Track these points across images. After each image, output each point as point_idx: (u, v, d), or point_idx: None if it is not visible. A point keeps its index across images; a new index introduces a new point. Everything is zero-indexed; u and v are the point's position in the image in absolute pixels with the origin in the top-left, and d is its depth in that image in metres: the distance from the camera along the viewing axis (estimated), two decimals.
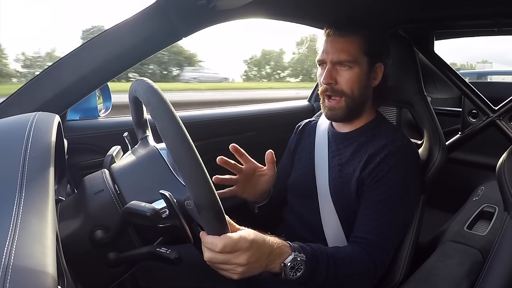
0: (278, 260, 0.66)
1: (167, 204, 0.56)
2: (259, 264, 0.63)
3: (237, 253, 0.58)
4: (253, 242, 0.61)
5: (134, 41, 0.86)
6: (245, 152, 0.90)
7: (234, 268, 0.59)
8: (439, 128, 1.04)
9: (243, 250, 0.59)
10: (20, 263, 0.32)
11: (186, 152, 0.50)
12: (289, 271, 0.67)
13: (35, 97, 0.81)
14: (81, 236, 0.58)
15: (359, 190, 0.88)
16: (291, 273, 0.67)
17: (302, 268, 0.68)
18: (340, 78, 0.89)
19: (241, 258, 0.59)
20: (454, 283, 0.91)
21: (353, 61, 0.88)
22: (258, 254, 0.62)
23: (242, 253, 0.59)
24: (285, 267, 0.66)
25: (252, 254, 0.60)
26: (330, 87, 0.90)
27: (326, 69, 0.89)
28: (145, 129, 0.78)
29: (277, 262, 0.66)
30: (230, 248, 0.57)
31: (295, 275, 0.68)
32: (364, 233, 0.83)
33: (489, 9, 1.08)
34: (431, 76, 1.64)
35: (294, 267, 0.67)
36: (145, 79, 0.60)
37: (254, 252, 0.60)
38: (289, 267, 0.67)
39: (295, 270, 0.67)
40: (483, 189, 1.40)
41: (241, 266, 0.59)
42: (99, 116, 1.16)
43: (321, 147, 1.00)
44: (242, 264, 0.59)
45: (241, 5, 0.86)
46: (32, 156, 0.45)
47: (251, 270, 0.62)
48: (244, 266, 0.60)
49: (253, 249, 0.60)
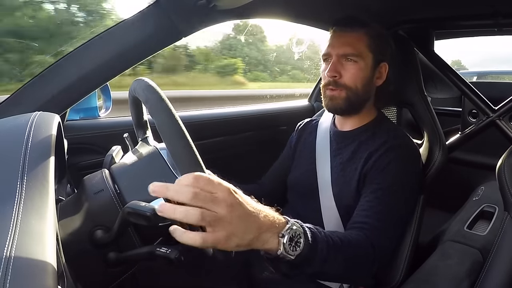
0: (274, 229, 0.56)
1: (166, 201, 0.56)
2: (250, 225, 0.51)
3: (215, 195, 0.47)
4: (236, 191, 0.50)
5: (134, 41, 0.86)
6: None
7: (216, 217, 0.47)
8: (439, 128, 1.04)
9: (222, 197, 0.47)
10: (20, 263, 0.32)
11: (184, 148, 0.50)
12: (288, 243, 0.57)
13: (35, 97, 0.81)
14: (81, 236, 0.58)
15: (360, 186, 0.88)
16: (290, 246, 0.57)
17: (301, 241, 0.59)
18: (345, 72, 0.89)
19: (221, 206, 0.47)
20: (454, 283, 0.92)
21: (358, 55, 0.88)
22: (244, 208, 0.50)
23: (221, 200, 0.47)
24: (283, 238, 0.56)
25: (237, 203, 0.49)
26: (334, 80, 0.90)
27: (331, 62, 0.90)
28: (145, 130, 0.78)
29: (272, 231, 0.56)
30: (204, 182, 0.46)
31: (294, 249, 0.58)
32: (363, 218, 0.81)
33: (489, 9, 1.08)
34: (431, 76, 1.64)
35: (293, 239, 0.58)
36: (144, 78, 0.60)
37: (239, 202, 0.49)
38: (288, 239, 0.57)
39: (294, 243, 0.58)
40: (483, 189, 1.40)
41: (226, 213, 0.47)
42: (99, 116, 1.16)
43: (322, 146, 1.00)
44: (222, 214, 0.47)
45: (241, 4, 0.86)
46: (32, 156, 0.45)
47: (240, 231, 0.50)
48: (229, 216, 0.47)
49: (236, 197, 0.49)
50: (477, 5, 1.07)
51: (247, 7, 0.87)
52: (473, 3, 1.06)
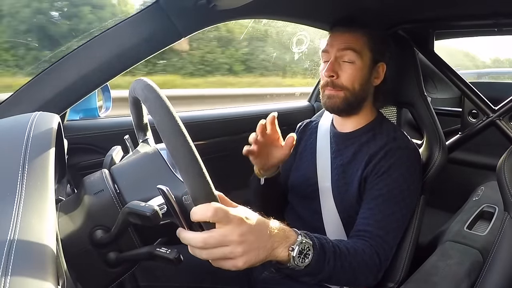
0: (285, 243, 0.61)
1: (165, 198, 0.56)
2: (263, 244, 0.57)
3: (229, 226, 0.52)
4: (248, 216, 0.55)
5: (134, 41, 0.86)
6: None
7: (233, 249, 0.53)
8: (439, 128, 1.04)
9: (236, 223, 0.52)
10: (20, 262, 0.32)
11: (182, 145, 0.50)
12: (297, 256, 0.62)
13: (35, 97, 0.81)
14: (81, 236, 0.58)
15: (361, 189, 0.88)
16: (299, 258, 0.63)
17: (310, 254, 0.64)
18: (342, 72, 0.90)
19: (235, 233, 0.52)
20: (454, 283, 0.92)
21: (356, 56, 0.89)
22: (257, 231, 0.56)
23: (235, 227, 0.52)
24: (293, 252, 0.62)
25: (249, 229, 0.54)
26: (331, 80, 0.90)
27: (329, 62, 0.90)
28: (146, 132, 0.78)
29: (283, 246, 0.61)
30: (222, 215, 0.50)
31: (303, 261, 0.63)
32: (366, 226, 0.82)
33: (489, 9, 1.08)
34: (431, 76, 1.65)
35: (302, 252, 0.63)
36: (143, 78, 0.60)
37: (251, 228, 0.54)
38: (297, 252, 0.62)
39: (303, 255, 0.63)
40: (483, 189, 1.41)
41: (237, 244, 0.53)
42: (99, 116, 1.16)
43: (323, 148, 1.00)
44: (237, 241, 0.52)
45: (241, 4, 0.87)
46: (32, 156, 0.45)
47: (254, 251, 0.55)
48: (241, 245, 0.53)
49: (248, 224, 0.54)
50: (477, 5, 1.07)
51: (247, 7, 0.87)
52: (473, 3, 1.06)
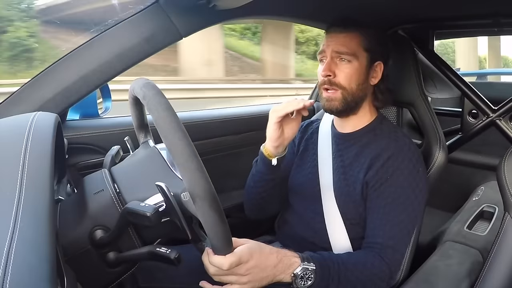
0: (288, 270, 0.71)
1: (163, 195, 0.56)
2: (266, 274, 0.68)
3: (239, 266, 0.64)
4: (254, 253, 0.66)
5: (134, 41, 0.86)
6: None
7: (239, 279, 0.65)
8: (439, 128, 1.04)
9: (245, 261, 0.64)
10: (20, 262, 0.32)
11: (180, 140, 0.50)
12: (300, 280, 0.71)
13: (35, 97, 0.81)
14: (81, 236, 0.58)
15: (364, 193, 0.88)
16: (302, 282, 0.71)
17: (312, 278, 0.72)
18: (339, 71, 0.89)
19: (243, 269, 0.65)
20: (454, 283, 0.92)
21: (352, 55, 0.88)
22: (261, 264, 0.67)
23: (244, 264, 0.64)
24: (295, 277, 0.71)
25: (254, 265, 0.66)
26: (328, 79, 0.90)
27: (326, 62, 0.90)
28: (146, 133, 0.78)
29: (286, 273, 0.71)
30: (235, 265, 0.63)
31: (305, 284, 0.72)
32: (375, 238, 0.84)
33: (489, 9, 1.08)
34: (431, 76, 1.64)
35: (304, 277, 0.71)
36: (142, 78, 0.60)
37: (256, 263, 0.66)
38: (299, 277, 0.71)
39: (305, 279, 0.72)
40: (483, 189, 1.41)
41: (243, 276, 0.65)
42: (99, 116, 1.15)
43: (324, 148, 0.99)
44: (243, 274, 0.65)
45: (241, 4, 0.86)
46: (32, 156, 0.45)
47: (257, 280, 0.67)
48: (246, 276, 0.65)
49: (254, 260, 0.66)
50: (477, 5, 1.07)
51: (247, 7, 0.87)
52: (473, 3, 1.06)
